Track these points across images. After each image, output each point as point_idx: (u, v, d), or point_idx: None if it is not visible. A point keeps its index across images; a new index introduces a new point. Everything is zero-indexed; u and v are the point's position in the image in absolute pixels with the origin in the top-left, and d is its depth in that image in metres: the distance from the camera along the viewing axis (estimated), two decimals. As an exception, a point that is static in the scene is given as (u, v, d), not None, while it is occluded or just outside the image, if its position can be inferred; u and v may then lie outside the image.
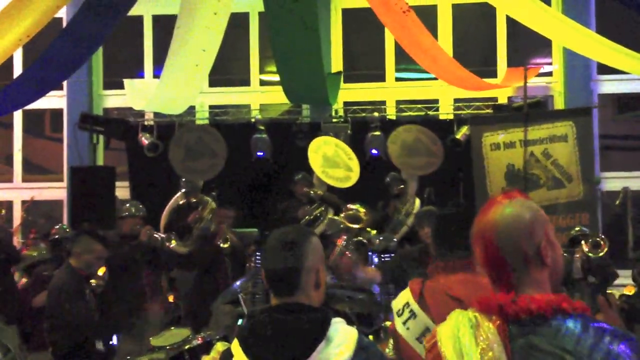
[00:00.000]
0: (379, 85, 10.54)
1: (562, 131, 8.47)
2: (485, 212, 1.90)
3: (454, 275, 2.95)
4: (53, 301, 4.75)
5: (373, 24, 9.21)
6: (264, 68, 10.74)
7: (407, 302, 2.95)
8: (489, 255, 1.85)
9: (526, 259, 1.82)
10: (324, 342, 2.02)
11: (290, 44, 7.88)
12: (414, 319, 2.89)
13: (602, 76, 10.05)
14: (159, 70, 9.32)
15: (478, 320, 1.79)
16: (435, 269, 3.03)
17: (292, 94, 9.11)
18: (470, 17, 10.69)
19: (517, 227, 1.83)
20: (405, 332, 2.90)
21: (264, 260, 2.20)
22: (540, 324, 1.73)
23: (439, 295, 2.89)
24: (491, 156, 8.60)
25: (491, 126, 8.69)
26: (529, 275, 1.82)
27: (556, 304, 1.75)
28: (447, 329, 1.84)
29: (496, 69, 10.26)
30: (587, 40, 7.96)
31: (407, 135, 8.74)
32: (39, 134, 11.66)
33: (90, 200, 8.58)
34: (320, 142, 8.69)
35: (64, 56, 7.59)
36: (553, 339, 1.70)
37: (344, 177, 8.58)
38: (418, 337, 2.85)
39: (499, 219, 1.85)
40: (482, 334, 1.75)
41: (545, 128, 8.47)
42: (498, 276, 1.84)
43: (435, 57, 8.71)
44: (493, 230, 1.84)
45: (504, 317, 1.76)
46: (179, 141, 8.71)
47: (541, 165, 8.46)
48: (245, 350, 2.05)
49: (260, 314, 2.14)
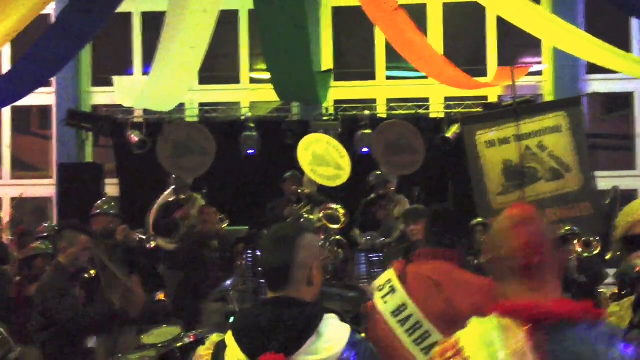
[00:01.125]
0: (370, 83, 10.55)
1: (555, 122, 8.38)
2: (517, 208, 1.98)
3: (436, 262, 3.14)
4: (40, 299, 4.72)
5: (363, 22, 9.20)
6: (254, 66, 10.72)
7: (389, 279, 3.16)
8: (535, 244, 1.88)
9: (553, 263, 1.89)
10: (315, 337, 2.06)
11: (280, 42, 7.87)
12: (393, 294, 3.09)
13: (591, 75, 10.10)
14: (148, 67, 9.27)
15: (507, 325, 1.80)
16: (419, 255, 3.22)
17: (282, 92, 9.09)
18: (460, 16, 10.71)
19: (549, 225, 1.96)
20: (382, 305, 3.10)
21: (260, 255, 2.26)
22: (570, 328, 1.76)
23: (420, 276, 3.09)
24: (487, 153, 8.53)
25: (483, 124, 8.65)
26: (552, 276, 1.88)
27: (585, 309, 1.79)
28: (472, 335, 1.85)
29: (486, 68, 10.29)
30: (576, 40, 7.99)
31: (390, 133, 8.71)
32: (26, 131, 11.58)
33: (79, 197, 8.53)
34: (311, 139, 8.65)
35: (52, 53, 7.53)
36: (584, 342, 1.74)
37: (333, 176, 8.55)
38: (393, 312, 3.05)
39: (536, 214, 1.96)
40: (512, 339, 1.77)
41: (538, 121, 8.39)
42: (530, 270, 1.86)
43: (425, 56, 8.72)
44: (537, 220, 1.92)
45: (533, 321, 1.77)
46: (167, 138, 8.66)
47: (537, 158, 8.39)
48: (238, 341, 2.10)
49: (253, 307, 2.21)
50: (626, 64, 8.21)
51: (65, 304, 4.60)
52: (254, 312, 2.16)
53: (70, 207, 8.49)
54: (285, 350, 2.03)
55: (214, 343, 2.31)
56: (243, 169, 9.09)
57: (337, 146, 8.66)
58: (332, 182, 8.49)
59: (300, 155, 8.44)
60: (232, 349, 2.12)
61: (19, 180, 10.65)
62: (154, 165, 8.66)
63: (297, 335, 2.04)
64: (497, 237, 1.95)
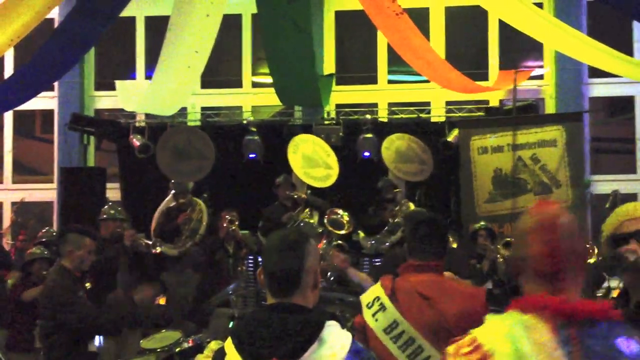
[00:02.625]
0: (371, 87, 10.56)
1: (552, 136, 8.43)
2: (542, 209, 1.95)
3: (423, 275, 3.11)
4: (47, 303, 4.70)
5: (366, 27, 9.23)
6: (257, 70, 10.73)
7: (378, 296, 3.12)
8: (551, 252, 1.85)
9: (576, 262, 1.87)
10: (317, 344, 2.02)
11: (282, 46, 7.89)
12: (384, 312, 3.06)
13: (593, 79, 10.10)
14: (151, 71, 9.30)
15: (530, 321, 1.80)
16: (407, 267, 3.18)
17: (284, 96, 9.11)
18: (462, 20, 10.72)
19: (574, 228, 1.92)
20: (374, 323, 3.07)
21: (265, 260, 2.21)
22: (591, 327, 1.78)
23: (409, 292, 3.06)
24: (479, 160, 8.57)
25: (479, 129, 8.68)
26: (573, 280, 1.87)
27: (605, 309, 1.81)
28: (494, 332, 1.84)
29: (488, 72, 10.30)
30: (578, 44, 7.99)
31: (400, 143, 8.75)
32: (29, 135, 11.61)
33: (81, 201, 8.54)
34: (297, 141, 8.67)
35: (55, 57, 7.57)
36: (605, 341, 1.76)
37: (324, 176, 8.57)
38: (385, 329, 3.03)
39: (561, 216, 1.91)
40: (537, 334, 1.77)
41: (534, 132, 8.44)
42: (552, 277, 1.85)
43: (427, 60, 8.73)
44: (558, 226, 1.88)
45: (558, 319, 1.78)
46: (166, 143, 8.68)
47: (529, 170, 8.43)
48: (238, 348, 2.06)
49: (254, 313, 2.17)
50: (628, 67, 8.20)
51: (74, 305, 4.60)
52: (255, 318, 2.12)
53: (73, 211, 8.51)
54: (287, 357, 1.99)
55: (212, 351, 2.28)
56: (245, 174, 9.09)
57: (321, 144, 8.69)
58: (323, 183, 8.52)
59: (292, 159, 8.45)
60: (232, 356, 2.08)
61: (21, 185, 10.67)
62: (156, 170, 8.67)
63: (300, 343, 2.01)
64: (519, 237, 1.94)
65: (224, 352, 2.12)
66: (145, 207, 8.70)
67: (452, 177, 8.96)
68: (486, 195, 8.45)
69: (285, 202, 8.15)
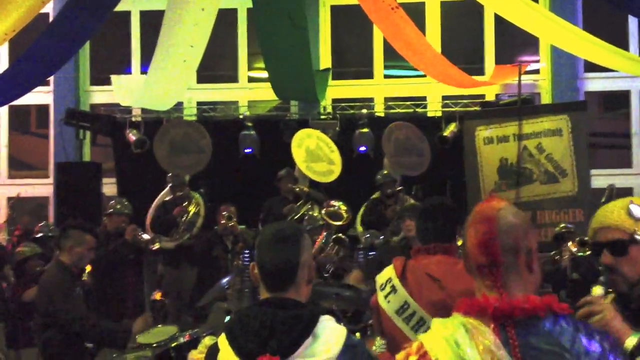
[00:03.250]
0: (368, 82, 10.55)
1: (557, 125, 8.34)
2: (485, 204, 1.91)
3: (434, 257, 3.13)
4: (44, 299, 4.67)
5: (362, 21, 9.20)
6: (252, 65, 10.71)
7: (390, 278, 3.16)
8: (485, 240, 1.83)
9: (517, 257, 1.83)
10: (311, 338, 2.02)
11: (278, 41, 7.87)
12: (395, 294, 3.09)
13: (588, 74, 10.10)
14: (146, 66, 9.26)
15: (472, 324, 1.78)
16: (418, 250, 3.21)
17: (280, 91, 9.09)
18: (458, 14, 10.71)
19: (517, 223, 1.85)
20: (386, 305, 3.11)
21: (260, 254, 2.18)
22: (534, 324, 1.75)
23: (418, 273, 3.09)
24: (484, 150, 8.52)
25: (484, 120, 8.62)
26: (517, 276, 1.83)
27: (548, 304, 1.77)
28: (437, 337, 1.81)
29: (484, 67, 10.29)
30: (574, 38, 7.99)
31: (399, 133, 8.70)
32: (24, 130, 11.57)
33: (77, 196, 8.52)
34: (303, 135, 8.65)
35: (50, 52, 7.54)
36: (549, 337, 1.73)
37: (326, 171, 8.55)
38: (397, 310, 3.06)
39: (502, 210, 1.86)
40: (479, 336, 1.74)
41: (540, 122, 8.37)
42: (489, 270, 1.82)
43: (423, 54, 8.72)
44: (495, 218, 1.84)
45: (498, 319, 1.76)
46: (164, 136, 8.66)
47: (534, 160, 8.37)
48: (231, 343, 2.05)
49: (249, 308, 2.15)
50: (624, 62, 8.21)
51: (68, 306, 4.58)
52: (249, 313, 2.10)
53: (68, 206, 8.47)
54: (281, 352, 1.99)
55: (206, 346, 2.27)
56: (241, 168, 9.08)
57: (326, 140, 8.66)
58: (325, 178, 8.50)
59: (295, 153, 8.45)
60: (225, 351, 2.07)
61: (17, 180, 10.64)
62: (152, 165, 8.65)
63: (294, 337, 2.00)
64: (464, 231, 1.92)
65: (217, 347, 2.11)
66: (141, 202, 8.67)
67: (448, 172, 8.95)
68: (492, 185, 8.41)
69: (286, 194, 8.17)
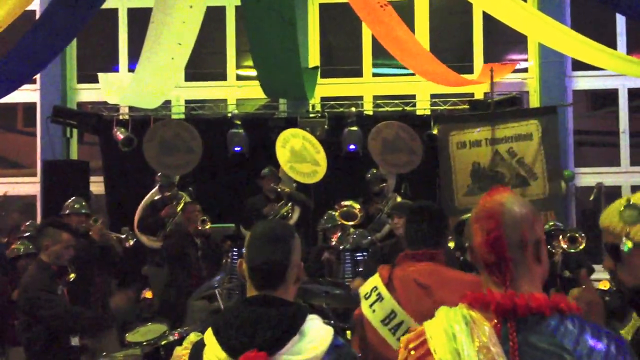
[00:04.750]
0: (356, 80, 10.54)
1: (528, 130, 8.63)
2: (489, 197, 1.86)
3: (421, 264, 3.07)
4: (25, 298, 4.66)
5: (350, 19, 9.19)
6: (241, 62, 10.68)
7: (375, 286, 3.07)
8: (492, 239, 1.78)
9: (525, 251, 1.79)
10: (298, 336, 2.02)
11: (267, 38, 7.83)
12: (381, 302, 3.01)
13: (577, 72, 10.14)
14: (133, 64, 9.22)
15: (473, 318, 1.75)
16: (404, 257, 3.14)
17: (268, 89, 9.06)
18: (447, 12, 10.72)
19: (522, 214, 1.80)
20: (371, 314, 3.02)
21: (250, 252, 2.16)
22: (538, 323, 1.71)
23: (406, 281, 3.01)
24: (457, 154, 8.76)
25: (459, 124, 8.82)
26: (525, 270, 1.79)
27: (555, 304, 1.73)
28: (438, 327, 1.79)
29: (473, 65, 10.31)
30: (562, 37, 8.01)
31: (388, 132, 8.71)
32: (11, 128, 11.48)
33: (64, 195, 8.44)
34: (287, 135, 8.62)
35: (36, 49, 7.46)
36: (552, 338, 1.69)
37: (310, 172, 8.53)
38: (383, 320, 2.98)
39: (507, 203, 1.81)
40: (478, 332, 1.71)
41: (511, 127, 8.65)
42: (496, 266, 1.78)
43: (412, 53, 8.72)
44: (500, 214, 1.79)
45: (501, 315, 1.73)
46: (154, 135, 8.62)
47: (506, 164, 8.60)
48: (219, 340, 2.04)
49: (236, 305, 2.14)
50: (612, 60, 8.23)
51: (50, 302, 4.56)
52: (237, 310, 2.10)
53: (56, 205, 8.40)
54: (267, 348, 1.98)
55: (191, 342, 2.25)
56: (230, 167, 9.05)
57: (312, 141, 8.64)
58: (309, 179, 8.48)
59: (279, 153, 8.42)
60: (211, 347, 2.06)
61: (3, 179, 10.56)
62: (140, 163, 8.61)
63: (280, 334, 2.00)
64: (469, 227, 1.88)
65: (203, 343, 2.11)
66: (128, 201, 8.64)
67: (437, 170, 8.98)
68: (465, 189, 8.62)
69: (268, 194, 8.16)
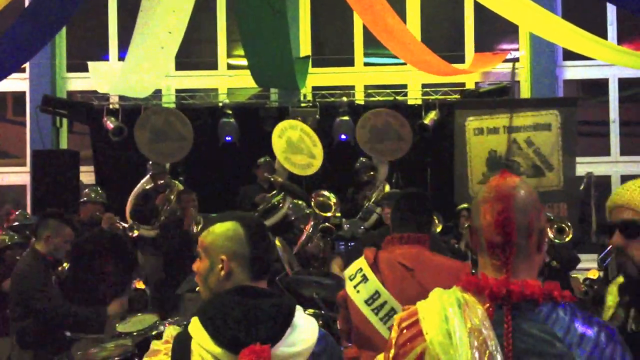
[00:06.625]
0: (348, 70, 10.52)
1: (547, 120, 8.48)
2: (502, 179, 1.86)
3: (407, 247, 3.13)
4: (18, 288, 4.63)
5: (342, 8, 9.16)
6: (232, 52, 10.63)
7: (360, 268, 3.13)
8: (502, 220, 1.78)
9: (530, 238, 1.79)
10: (290, 328, 2.02)
11: (258, 28, 7.80)
12: (365, 283, 3.06)
13: (567, 62, 10.16)
14: (123, 52, 9.16)
15: (467, 300, 1.76)
16: (390, 240, 3.19)
17: (260, 78, 9.04)
18: (438, 2, 10.70)
19: (531, 202, 1.82)
20: (355, 295, 3.08)
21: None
22: (530, 310, 1.73)
23: (391, 263, 3.07)
24: (474, 141, 8.60)
25: (476, 111, 8.67)
26: (526, 257, 1.80)
27: (548, 291, 1.74)
28: (431, 308, 1.79)
29: (464, 55, 10.31)
30: (553, 26, 8.03)
31: (377, 120, 8.69)
32: (0, 118, 11.40)
33: (54, 185, 8.42)
34: (285, 126, 8.60)
35: (25, 38, 7.40)
36: (543, 325, 1.70)
37: (305, 164, 8.52)
38: (366, 300, 3.04)
39: (518, 188, 1.82)
40: (471, 314, 1.72)
41: (531, 116, 8.50)
42: (501, 248, 1.78)
43: (404, 42, 8.71)
44: (512, 197, 1.80)
45: (494, 300, 1.74)
46: (145, 123, 8.58)
47: (523, 153, 8.51)
48: (212, 334, 1.97)
49: (222, 296, 2.07)
50: (602, 50, 8.26)
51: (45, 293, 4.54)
52: (226, 301, 2.03)
53: (45, 195, 8.38)
54: (268, 342, 1.96)
55: (172, 337, 2.18)
56: (221, 156, 9.03)
57: (310, 134, 8.62)
58: (304, 171, 8.48)
59: (275, 143, 8.41)
60: (201, 340, 1.99)
61: (-7, 168, 10.52)
62: (130, 152, 8.58)
63: (278, 327, 1.99)
64: (476, 208, 1.87)
65: (188, 336, 2.03)
66: (119, 190, 8.61)
67: (429, 160, 8.98)
68: (480, 176, 8.51)
69: (262, 183, 8.19)
